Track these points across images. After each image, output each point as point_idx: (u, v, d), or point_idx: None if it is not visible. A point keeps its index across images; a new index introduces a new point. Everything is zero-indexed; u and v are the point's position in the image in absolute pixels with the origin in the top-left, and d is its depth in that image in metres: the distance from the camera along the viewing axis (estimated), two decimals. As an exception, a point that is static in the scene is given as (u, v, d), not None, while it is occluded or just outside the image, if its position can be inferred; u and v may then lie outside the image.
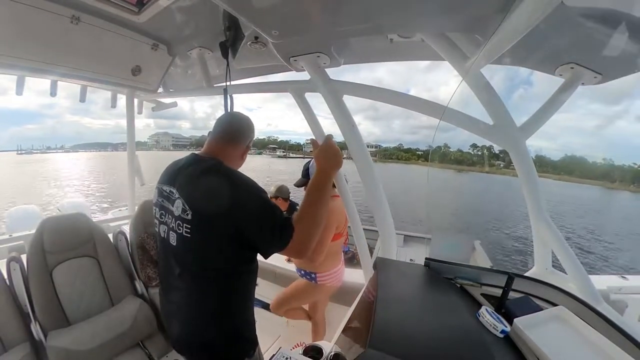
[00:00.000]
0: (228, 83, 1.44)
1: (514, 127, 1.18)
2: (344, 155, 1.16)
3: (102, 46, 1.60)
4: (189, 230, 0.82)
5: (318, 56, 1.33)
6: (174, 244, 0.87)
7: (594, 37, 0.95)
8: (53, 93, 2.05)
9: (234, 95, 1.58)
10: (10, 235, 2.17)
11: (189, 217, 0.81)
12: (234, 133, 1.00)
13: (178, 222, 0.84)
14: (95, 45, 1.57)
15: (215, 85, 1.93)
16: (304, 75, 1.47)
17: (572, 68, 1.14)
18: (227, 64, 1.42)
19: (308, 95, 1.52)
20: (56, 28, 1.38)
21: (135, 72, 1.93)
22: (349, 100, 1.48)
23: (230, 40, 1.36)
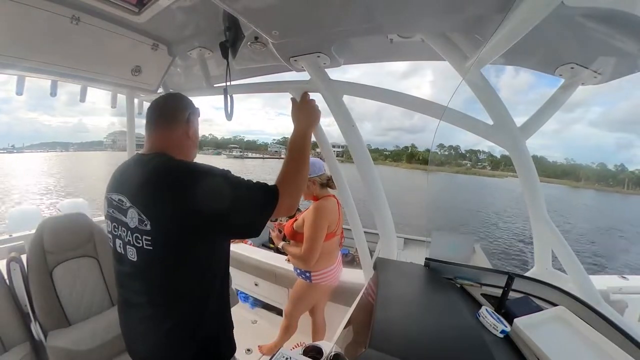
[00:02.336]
0: (228, 83, 1.44)
1: (514, 127, 1.18)
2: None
3: (102, 46, 1.60)
4: (149, 243, 0.73)
5: (318, 56, 1.33)
6: (134, 259, 0.77)
7: (594, 37, 0.95)
8: (53, 93, 2.05)
9: (235, 95, 1.58)
10: (10, 235, 2.17)
11: (148, 227, 0.72)
12: (165, 115, 0.90)
13: (136, 234, 0.75)
14: (95, 45, 1.57)
15: (215, 85, 1.93)
16: (304, 75, 1.47)
17: (572, 68, 1.13)
18: (227, 64, 1.41)
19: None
20: (56, 28, 1.37)
21: (135, 72, 1.92)
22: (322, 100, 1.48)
23: (230, 41, 1.36)
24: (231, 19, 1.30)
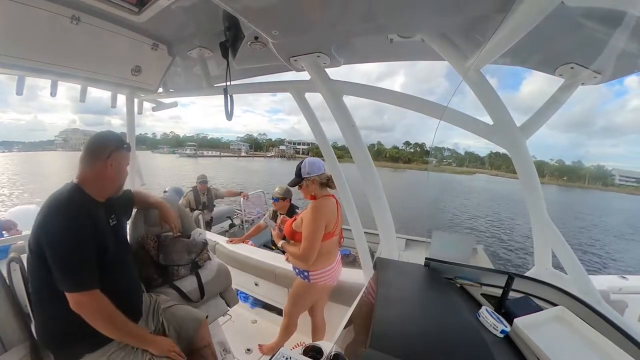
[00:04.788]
0: (228, 83, 1.44)
1: (514, 127, 1.18)
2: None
3: (102, 46, 1.60)
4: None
5: (318, 56, 1.33)
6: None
7: (594, 37, 0.95)
8: (53, 93, 2.04)
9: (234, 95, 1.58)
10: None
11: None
12: (86, 155, 1.07)
13: None
14: (95, 45, 1.57)
15: (215, 85, 1.93)
16: (304, 75, 1.47)
17: (572, 68, 1.13)
18: (227, 64, 1.42)
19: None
20: (56, 28, 1.37)
21: (135, 72, 1.92)
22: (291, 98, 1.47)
23: (230, 40, 1.37)
24: (231, 19, 1.30)
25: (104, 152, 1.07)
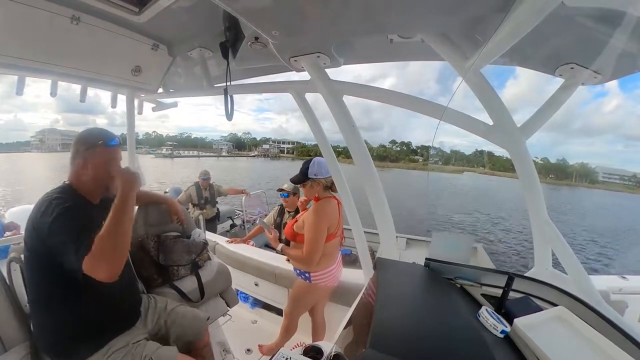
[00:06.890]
0: (228, 83, 1.44)
1: (514, 127, 1.18)
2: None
3: (102, 46, 1.60)
4: None
5: (318, 56, 1.33)
6: None
7: (594, 37, 0.95)
8: (53, 93, 2.04)
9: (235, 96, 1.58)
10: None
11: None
12: (71, 154, 1.07)
13: None
14: (95, 45, 1.57)
15: (215, 85, 1.93)
16: (304, 75, 1.48)
17: (572, 68, 1.14)
18: (227, 64, 1.42)
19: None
20: (56, 28, 1.38)
21: (135, 72, 1.93)
22: (282, 97, 1.43)
23: (231, 41, 1.37)
24: (231, 19, 1.30)
25: (80, 150, 1.06)
